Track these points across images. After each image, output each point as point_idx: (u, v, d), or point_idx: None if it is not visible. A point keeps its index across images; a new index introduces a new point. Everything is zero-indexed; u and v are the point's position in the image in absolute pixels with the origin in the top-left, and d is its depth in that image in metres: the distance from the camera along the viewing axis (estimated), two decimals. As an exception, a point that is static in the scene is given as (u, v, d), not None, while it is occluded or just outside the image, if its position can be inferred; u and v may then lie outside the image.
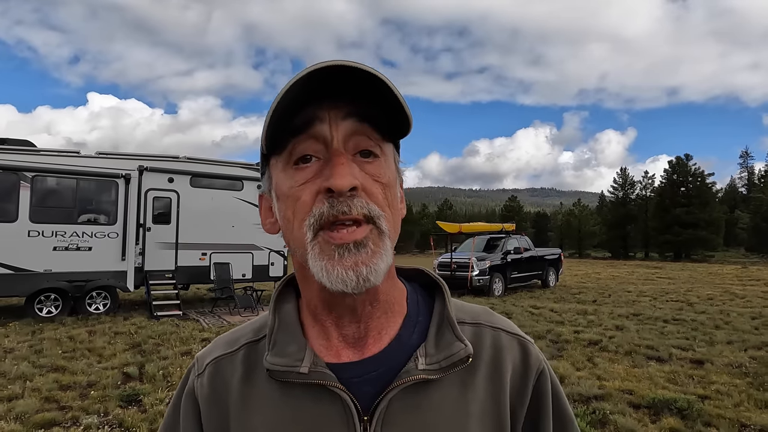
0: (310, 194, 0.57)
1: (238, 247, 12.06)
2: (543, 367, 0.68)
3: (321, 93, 0.56)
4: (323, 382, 0.60)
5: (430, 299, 0.70)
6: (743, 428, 4.30)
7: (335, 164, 0.56)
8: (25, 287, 9.35)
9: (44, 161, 9.87)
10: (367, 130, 0.58)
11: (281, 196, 0.61)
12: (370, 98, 0.56)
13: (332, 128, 0.57)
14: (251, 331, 0.71)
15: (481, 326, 0.68)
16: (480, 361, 0.65)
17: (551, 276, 17.03)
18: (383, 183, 0.59)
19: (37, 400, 4.88)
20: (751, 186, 74.66)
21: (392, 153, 0.63)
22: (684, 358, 6.77)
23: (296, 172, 0.58)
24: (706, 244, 46.19)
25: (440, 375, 0.61)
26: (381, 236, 0.57)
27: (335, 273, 0.55)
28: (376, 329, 0.64)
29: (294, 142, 0.58)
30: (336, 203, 0.55)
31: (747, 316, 10.39)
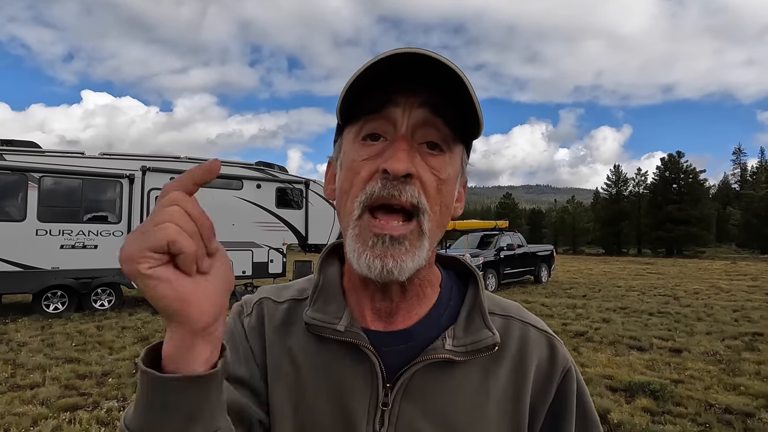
0: (368, 171, 0.59)
1: (238, 245, 12.38)
2: (570, 367, 0.68)
3: (400, 77, 0.57)
4: (356, 342, 0.63)
5: (464, 287, 0.72)
6: (709, 407, 4.71)
7: (397, 148, 0.57)
8: (34, 284, 9.67)
9: (50, 162, 10.19)
10: (438, 123, 0.59)
11: (344, 167, 0.63)
12: (447, 94, 0.58)
13: (404, 114, 0.59)
14: (296, 291, 0.75)
15: (511, 319, 0.70)
16: (506, 351, 0.66)
17: (543, 272, 17.44)
18: (441, 178, 0.60)
19: (58, 387, 5.23)
20: (743, 182, 75.47)
21: (460, 153, 0.65)
22: (664, 347, 7.19)
23: (362, 147, 0.61)
24: (697, 240, 46.83)
25: (465, 358, 0.63)
26: (420, 237, 0.59)
27: (363, 257, 0.58)
28: (406, 309, 0.66)
29: (366, 118, 0.60)
30: (388, 185, 0.57)
31: (729, 309, 10.83)
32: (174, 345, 0.45)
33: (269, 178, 13.11)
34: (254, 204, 12.74)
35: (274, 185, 13.15)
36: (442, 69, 0.56)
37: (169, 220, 0.42)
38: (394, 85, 0.58)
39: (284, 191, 13.35)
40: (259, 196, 12.83)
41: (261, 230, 12.79)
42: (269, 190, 13.05)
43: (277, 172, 13.43)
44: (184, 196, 0.44)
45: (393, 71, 0.57)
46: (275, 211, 13.07)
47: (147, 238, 0.41)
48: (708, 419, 4.39)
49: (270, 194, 13.05)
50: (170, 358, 0.45)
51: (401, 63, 0.56)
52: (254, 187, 12.79)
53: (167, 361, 0.46)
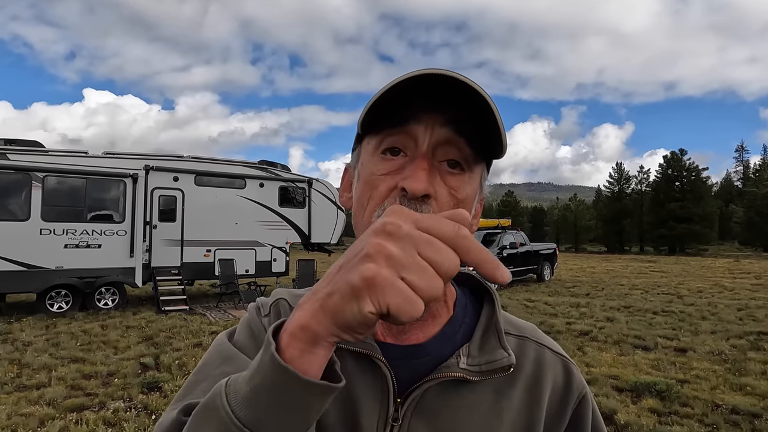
0: (387, 187, 0.59)
1: (241, 244, 12.41)
2: (585, 393, 0.67)
3: (424, 95, 0.57)
4: (369, 353, 0.61)
5: (479, 305, 0.70)
6: (716, 408, 4.70)
7: (417, 167, 0.57)
8: (38, 283, 9.68)
9: (54, 161, 10.20)
10: (460, 143, 0.59)
11: (362, 179, 0.62)
12: (471, 114, 0.57)
13: (427, 131, 0.58)
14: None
15: (527, 340, 0.68)
16: (521, 373, 0.65)
17: (546, 270, 17.43)
18: (458, 198, 0.60)
19: (64, 387, 5.24)
20: (746, 180, 75.30)
21: (480, 172, 0.64)
22: (669, 346, 7.17)
23: (382, 161, 0.60)
24: (699, 238, 46.76)
25: (479, 378, 0.61)
26: None
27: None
28: (419, 325, 0.65)
29: (388, 132, 0.60)
30: (406, 204, 0.56)
31: (733, 307, 10.81)
32: (322, 355, 0.43)
33: (272, 177, 13.11)
34: (257, 203, 12.74)
35: (277, 184, 13.15)
36: (467, 91, 0.55)
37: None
38: (418, 102, 0.58)
39: (287, 190, 13.35)
40: (262, 195, 12.84)
41: (264, 229, 12.80)
42: (272, 188, 13.05)
43: (280, 171, 13.43)
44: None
45: (417, 89, 0.56)
46: (278, 210, 13.07)
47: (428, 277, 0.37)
48: (715, 420, 4.38)
49: (273, 193, 13.05)
50: (302, 361, 0.42)
51: (426, 82, 0.55)
52: (257, 186, 12.79)
53: (295, 362, 0.42)
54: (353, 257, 0.39)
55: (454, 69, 0.59)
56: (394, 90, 0.56)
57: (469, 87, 0.55)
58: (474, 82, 0.55)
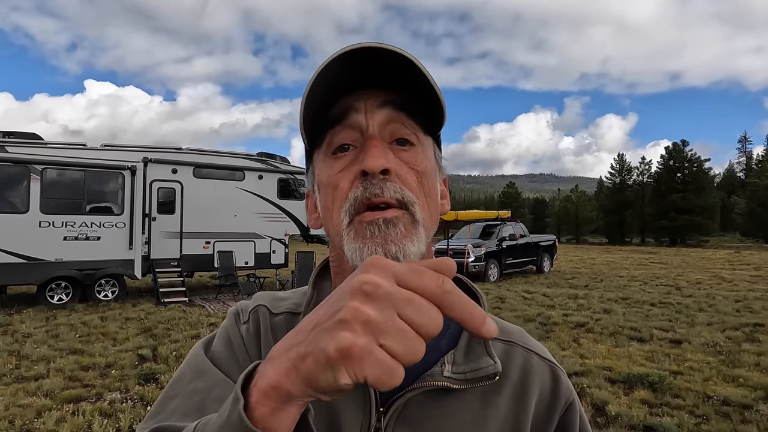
0: (348, 181, 0.58)
1: (240, 236, 12.45)
2: (573, 399, 0.66)
3: (355, 80, 0.56)
4: None
5: None
6: (708, 399, 4.73)
7: (369, 146, 0.56)
8: (38, 276, 9.74)
9: (52, 154, 10.22)
10: (402, 118, 0.58)
11: (321, 186, 0.61)
12: (405, 86, 0.56)
13: (368, 117, 0.57)
14: (292, 304, 0.71)
15: (514, 345, 0.67)
16: (507, 380, 0.63)
17: (546, 262, 17.46)
18: (419, 171, 0.59)
19: (62, 379, 5.30)
20: (748, 171, 75.02)
21: (431, 145, 0.63)
22: (664, 338, 7.20)
23: (334, 161, 0.59)
24: (701, 229, 46.70)
25: (464, 386, 0.60)
26: (414, 223, 0.57)
27: (365, 250, 0.55)
28: None
29: (332, 132, 0.59)
30: (369, 185, 0.56)
31: (731, 299, 10.83)
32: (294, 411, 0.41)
33: (271, 169, 13.12)
34: (256, 195, 12.76)
35: (275, 176, 13.16)
36: (396, 60, 0.53)
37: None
38: (350, 90, 0.57)
39: (286, 182, 13.35)
40: (261, 187, 12.85)
41: (263, 221, 12.83)
42: (271, 180, 13.06)
43: (278, 163, 13.43)
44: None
45: (346, 74, 0.55)
46: (277, 201, 13.09)
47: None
48: (706, 411, 4.41)
49: (272, 185, 13.06)
50: (273, 420, 0.40)
51: (351, 63, 0.53)
52: (256, 178, 12.81)
53: (266, 421, 0.40)
54: (329, 318, 0.37)
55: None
56: (324, 84, 0.54)
57: (397, 54, 0.52)
58: (399, 48, 0.53)
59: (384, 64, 0.54)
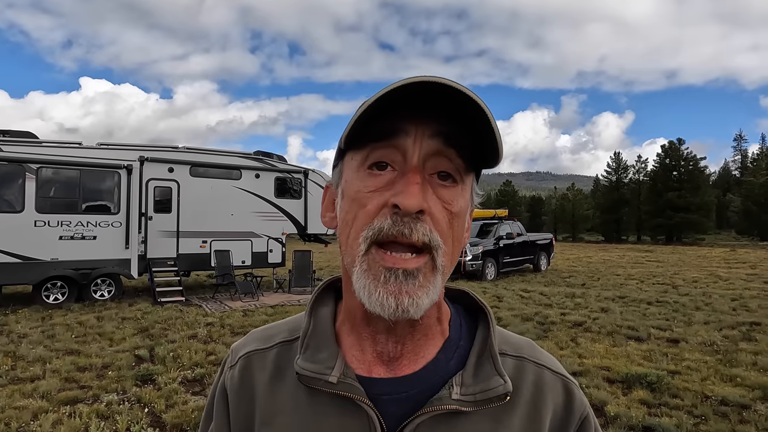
0: (376, 206, 0.55)
1: (237, 235, 12.41)
2: (587, 413, 0.64)
3: (412, 104, 0.54)
4: (350, 395, 0.58)
5: (473, 324, 0.67)
6: (706, 399, 4.73)
7: (409, 182, 0.53)
8: (34, 275, 9.69)
9: (48, 153, 10.15)
10: (451, 154, 0.56)
11: (347, 197, 0.59)
12: (462, 122, 0.54)
13: (416, 143, 0.55)
14: (287, 330, 0.71)
15: (524, 361, 0.65)
16: (519, 398, 0.61)
17: (543, 260, 17.49)
18: (452, 212, 0.57)
19: (58, 380, 5.26)
20: (744, 169, 75.31)
21: (471, 182, 0.61)
22: (661, 337, 7.21)
23: (368, 177, 0.57)
24: (697, 227, 46.87)
25: (473, 408, 0.58)
26: (434, 271, 0.55)
27: (377, 295, 0.54)
28: (413, 351, 0.62)
29: (373, 146, 0.56)
30: (399, 222, 0.53)
31: (728, 297, 10.86)
32: None
33: (268, 168, 13.08)
34: (253, 194, 12.72)
35: (272, 175, 13.12)
36: (458, 97, 0.52)
37: None
38: (404, 112, 0.54)
39: (283, 181, 13.32)
40: (257, 186, 12.81)
41: (260, 220, 12.79)
42: (268, 179, 13.03)
43: (275, 162, 13.39)
44: None
45: (403, 98, 0.53)
46: (274, 200, 13.05)
47: None
48: (704, 411, 4.41)
49: (269, 184, 13.02)
50: None
51: (412, 90, 0.52)
52: (253, 176, 12.77)
53: None
54: None
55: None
56: (379, 101, 0.52)
57: (460, 93, 0.51)
58: (465, 87, 0.52)
59: (442, 96, 0.52)
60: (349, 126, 0.55)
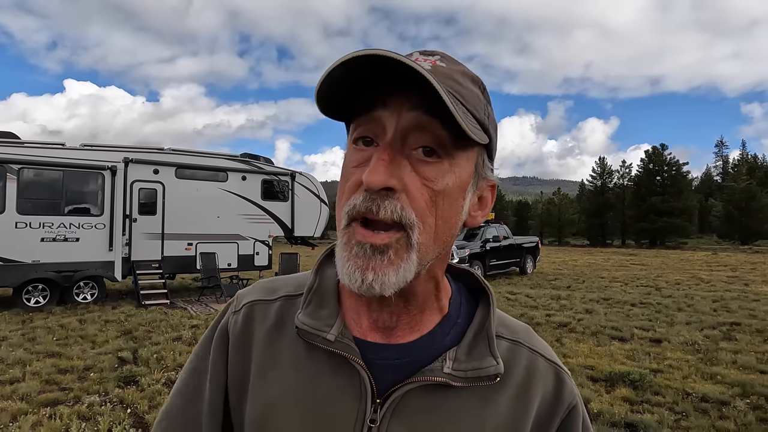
0: (354, 182, 0.55)
1: (223, 237, 12.32)
2: (576, 403, 0.64)
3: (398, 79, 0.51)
4: (346, 354, 0.59)
5: (474, 304, 0.67)
6: (687, 396, 4.81)
7: (377, 159, 0.52)
8: (14, 278, 9.51)
9: (30, 153, 9.99)
10: (434, 125, 0.52)
11: (342, 170, 0.59)
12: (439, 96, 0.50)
13: (392, 116, 0.53)
14: (292, 285, 0.71)
15: (519, 345, 0.65)
16: (509, 380, 0.62)
17: (529, 263, 17.60)
18: (435, 189, 0.54)
19: (38, 382, 5.17)
20: (725, 174, 76.70)
21: (470, 157, 0.57)
22: (644, 337, 7.31)
23: (354, 152, 0.57)
24: (679, 231, 47.52)
25: (463, 384, 0.59)
26: (408, 248, 0.53)
27: (346, 267, 0.54)
28: (408, 323, 0.62)
29: (358, 121, 0.56)
30: (368, 198, 0.53)
31: (709, 299, 11.04)
32: None
33: (255, 170, 13.02)
34: (240, 196, 12.65)
35: (259, 177, 13.06)
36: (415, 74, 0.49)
37: None
38: (390, 86, 0.53)
39: (270, 183, 13.26)
40: (244, 188, 12.74)
41: (247, 222, 12.71)
42: (255, 182, 12.96)
43: (262, 164, 13.33)
44: None
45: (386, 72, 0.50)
46: (261, 203, 12.99)
47: None
48: (685, 408, 4.48)
49: (256, 186, 12.96)
50: None
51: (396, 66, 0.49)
52: (240, 179, 12.70)
53: None
54: None
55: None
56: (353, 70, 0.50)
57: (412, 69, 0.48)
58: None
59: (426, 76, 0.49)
60: (315, 94, 0.54)
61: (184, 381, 0.71)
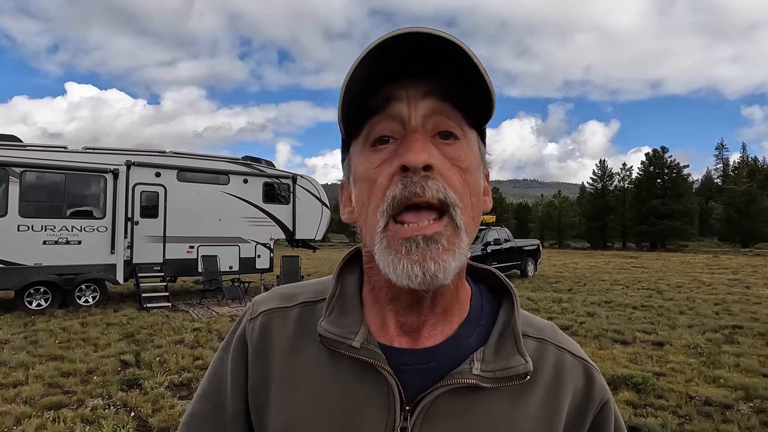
0: (387, 176, 0.54)
1: (224, 240, 12.33)
2: (607, 399, 0.64)
3: (399, 68, 0.53)
4: (372, 361, 0.58)
5: (497, 304, 0.66)
6: (690, 400, 4.81)
7: (411, 140, 0.53)
8: (16, 281, 9.51)
9: (32, 156, 10.01)
10: (447, 110, 0.55)
11: (358, 180, 0.58)
12: (451, 73, 0.53)
13: (410, 107, 0.54)
14: (311, 291, 0.70)
15: (546, 343, 0.65)
16: (539, 379, 0.61)
17: (530, 266, 17.60)
18: (462, 168, 0.55)
19: (41, 385, 5.17)
20: (725, 177, 76.73)
21: (476, 139, 0.59)
22: (646, 340, 7.31)
23: (373, 154, 0.56)
24: (680, 234, 47.56)
25: (493, 385, 0.58)
26: (456, 231, 0.54)
27: (401, 266, 0.52)
28: (433, 326, 0.61)
29: (371, 122, 0.56)
30: (409, 183, 0.52)
31: (711, 302, 11.03)
32: None
33: (256, 173, 13.04)
34: (241, 199, 12.66)
35: (261, 180, 13.08)
36: (444, 45, 0.50)
37: None
38: (392, 77, 0.53)
39: (271, 186, 13.28)
40: (245, 191, 12.76)
41: (248, 225, 12.73)
42: (256, 185, 12.98)
43: (263, 167, 13.35)
44: None
45: (388, 61, 0.51)
46: (262, 206, 13.00)
47: None
48: (688, 411, 4.48)
49: (257, 189, 12.98)
50: None
51: (393, 50, 0.50)
52: (241, 181, 12.71)
53: None
54: None
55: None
56: (364, 71, 0.52)
57: (444, 40, 0.49)
58: (448, 33, 0.50)
59: (429, 49, 0.50)
60: (340, 106, 0.55)
61: (204, 390, 0.72)
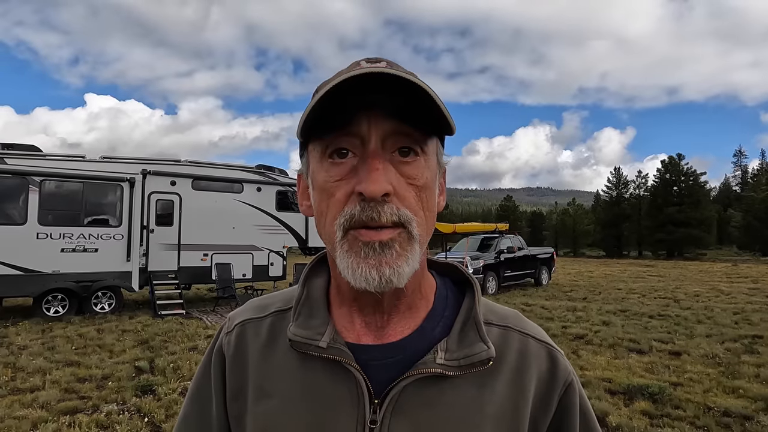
0: (344, 194, 0.57)
1: (238, 248, 12.43)
2: (571, 380, 0.66)
3: (361, 90, 0.55)
4: (339, 359, 0.61)
5: (460, 296, 0.69)
6: (708, 410, 4.70)
7: (370, 169, 0.55)
8: (35, 288, 9.69)
9: (51, 166, 10.22)
10: (407, 129, 0.57)
11: (316, 187, 0.61)
12: (411, 96, 0.55)
13: (372, 128, 0.56)
14: (281, 300, 0.73)
15: (510, 330, 0.67)
16: (503, 365, 0.63)
17: (544, 274, 17.42)
18: (419, 186, 0.58)
19: (58, 391, 5.25)
20: (744, 184, 75.42)
21: (435, 149, 0.62)
22: (663, 350, 7.18)
23: (331, 166, 0.58)
24: (698, 242, 46.81)
25: (458, 372, 0.60)
26: (410, 240, 0.57)
27: (359, 271, 0.56)
28: (399, 322, 0.64)
29: (332, 136, 0.58)
30: (366, 208, 0.55)
31: (729, 311, 10.81)
32: None
33: (269, 182, 13.15)
34: (254, 207, 12.78)
35: (274, 188, 13.19)
36: (399, 81, 0.54)
37: None
38: (353, 101, 0.56)
39: (284, 194, 13.37)
40: (259, 200, 12.87)
41: (261, 233, 12.82)
42: (269, 193, 13.09)
43: (277, 175, 13.46)
44: None
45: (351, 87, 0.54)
46: (275, 214, 13.10)
47: None
48: (706, 422, 4.39)
49: (270, 197, 13.08)
50: None
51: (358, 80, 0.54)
52: (254, 190, 12.83)
53: None
54: None
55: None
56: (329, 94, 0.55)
57: (392, 76, 0.53)
58: (399, 69, 0.55)
59: (389, 80, 0.54)
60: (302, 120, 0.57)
61: (185, 409, 0.75)
